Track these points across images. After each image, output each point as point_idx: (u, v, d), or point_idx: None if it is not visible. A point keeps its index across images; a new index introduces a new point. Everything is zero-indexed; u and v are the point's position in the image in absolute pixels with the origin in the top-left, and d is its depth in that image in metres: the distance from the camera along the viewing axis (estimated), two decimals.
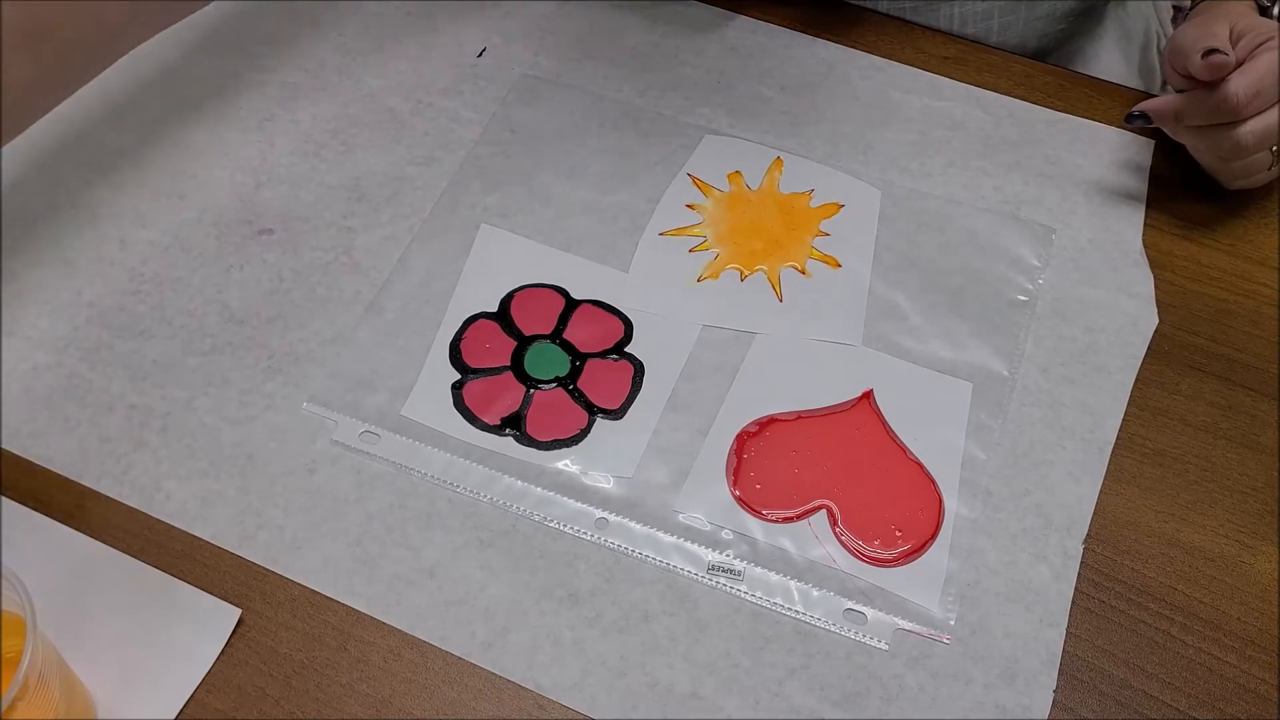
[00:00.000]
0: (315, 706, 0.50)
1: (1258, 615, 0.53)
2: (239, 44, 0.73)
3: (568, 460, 0.57)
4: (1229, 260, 0.64)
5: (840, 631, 0.52)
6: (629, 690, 0.51)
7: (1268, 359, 0.60)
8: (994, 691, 0.51)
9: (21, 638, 0.42)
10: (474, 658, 0.51)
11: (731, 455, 0.57)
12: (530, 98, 0.70)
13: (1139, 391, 0.59)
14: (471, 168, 0.67)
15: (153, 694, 0.50)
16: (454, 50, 0.72)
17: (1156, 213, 0.65)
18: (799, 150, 0.68)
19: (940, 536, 0.54)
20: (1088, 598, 0.53)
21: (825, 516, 0.55)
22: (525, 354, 0.60)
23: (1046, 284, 0.62)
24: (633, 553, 0.54)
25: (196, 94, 0.70)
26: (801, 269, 0.63)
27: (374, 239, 0.64)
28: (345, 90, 0.70)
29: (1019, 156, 0.68)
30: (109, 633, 0.51)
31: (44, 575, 0.51)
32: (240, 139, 0.68)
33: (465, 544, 0.54)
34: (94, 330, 0.61)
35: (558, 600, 0.53)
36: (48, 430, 0.57)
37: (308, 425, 0.58)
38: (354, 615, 0.53)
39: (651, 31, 0.73)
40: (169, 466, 0.56)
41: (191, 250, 0.64)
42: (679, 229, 0.65)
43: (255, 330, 0.61)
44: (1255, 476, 0.57)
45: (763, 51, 0.72)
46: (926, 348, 0.60)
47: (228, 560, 0.54)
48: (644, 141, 0.68)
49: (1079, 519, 0.55)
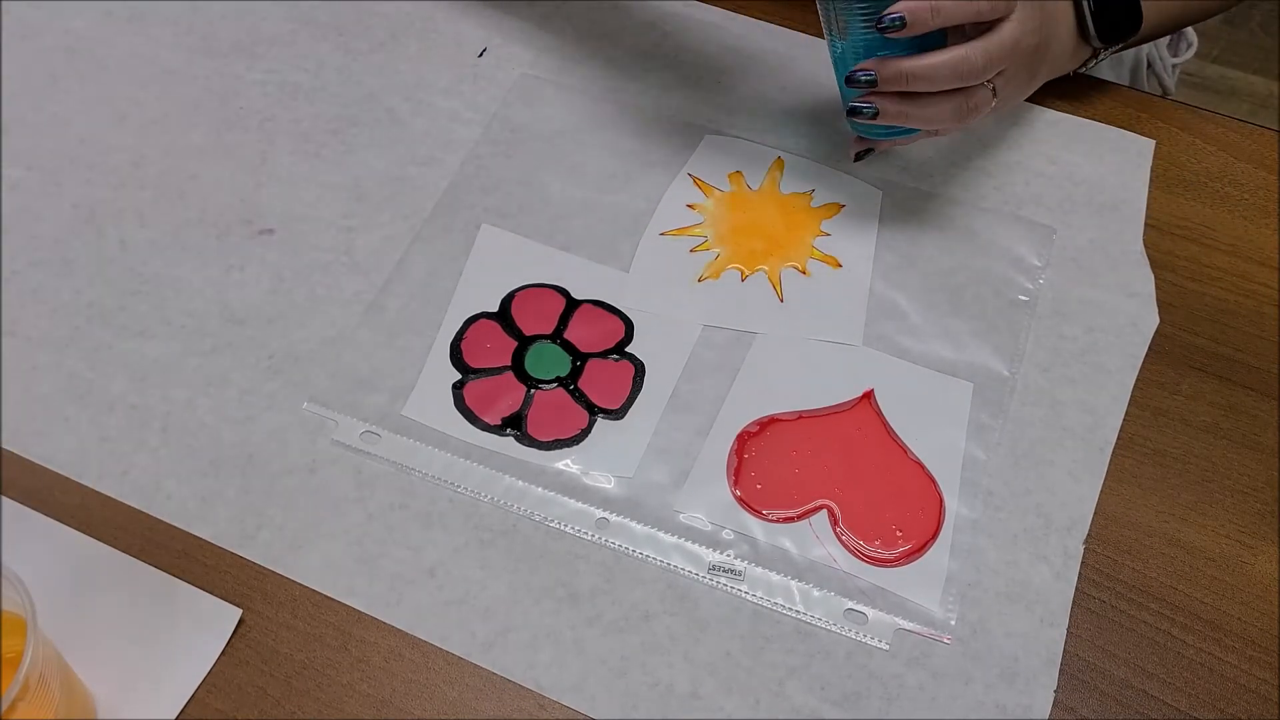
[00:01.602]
0: (316, 706, 0.50)
1: (1258, 615, 0.53)
2: (239, 44, 0.73)
3: (568, 460, 0.57)
4: (1229, 260, 0.64)
5: (841, 631, 0.52)
6: (629, 690, 0.51)
7: (1268, 359, 0.60)
8: (994, 691, 0.51)
9: (21, 638, 0.42)
10: (474, 657, 0.51)
11: (732, 455, 0.57)
12: (530, 98, 0.70)
13: (1139, 391, 0.59)
14: (471, 168, 0.67)
15: (153, 694, 0.50)
16: (454, 50, 0.72)
17: (1156, 213, 0.65)
18: (800, 150, 0.68)
19: (941, 536, 0.54)
20: (1088, 597, 0.53)
21: (826, 516, 0.55)
22: (526, 354, 0.60)
23: (1047, 284, 0.62)
24: (633, 553, 0.54)
25: (196, 94, 0.70)
26: (802, 269, 0.63)
27: (374, 239, 0.64)
28: (345, 90, 0.70)
29: (1019, 156, 0.68)
30: (109, 633, 0.51)
31: (44, 575, 0.51)
32: (240, 139, 0.68)
33: (466, 544, 0.54)
34: (94, 330, 0.61)
35: (558, 600, 0.53)
36: (48, 430, 0.57)
37: (308, 425, 0.58)
38: (354, 615, 0.52)
39: (651, 31, 0.73)
40: (169, 466, 0.56)
41: (191, 250, 0.64)
42: (680, 229, 0.65)
43: (255, 330, 0.61)
44: (1255, 476, 0.57)
45: (763, 51, 0.72)
46: (927, 348, 0.60)
47: (228, 560, 0.54)
48: (644, 141, 0.68)
49: (1079, 519, 0.55)
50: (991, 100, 0.59)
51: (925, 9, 0.54)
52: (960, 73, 0.56)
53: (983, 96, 0.58)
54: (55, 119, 0.69)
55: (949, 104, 0.58)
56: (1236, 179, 0.67)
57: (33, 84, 0.71)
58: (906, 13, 0.54)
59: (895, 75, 0.57)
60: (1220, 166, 0.67)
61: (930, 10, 0.54)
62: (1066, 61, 0.67)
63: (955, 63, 0.56)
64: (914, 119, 0.59)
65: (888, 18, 0.54)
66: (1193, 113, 0.70)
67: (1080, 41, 0.66)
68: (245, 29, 0.73)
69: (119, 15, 0.74)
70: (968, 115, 0.59)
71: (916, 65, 0.56)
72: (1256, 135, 0.69)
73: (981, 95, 0.58)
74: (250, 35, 0.73)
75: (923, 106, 0.58)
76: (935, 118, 0.59)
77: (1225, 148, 0.68)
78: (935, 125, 0.60)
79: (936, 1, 0.54)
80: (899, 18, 0.54)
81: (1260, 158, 0.68)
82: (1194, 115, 0.70)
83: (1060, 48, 0.65)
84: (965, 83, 0.57)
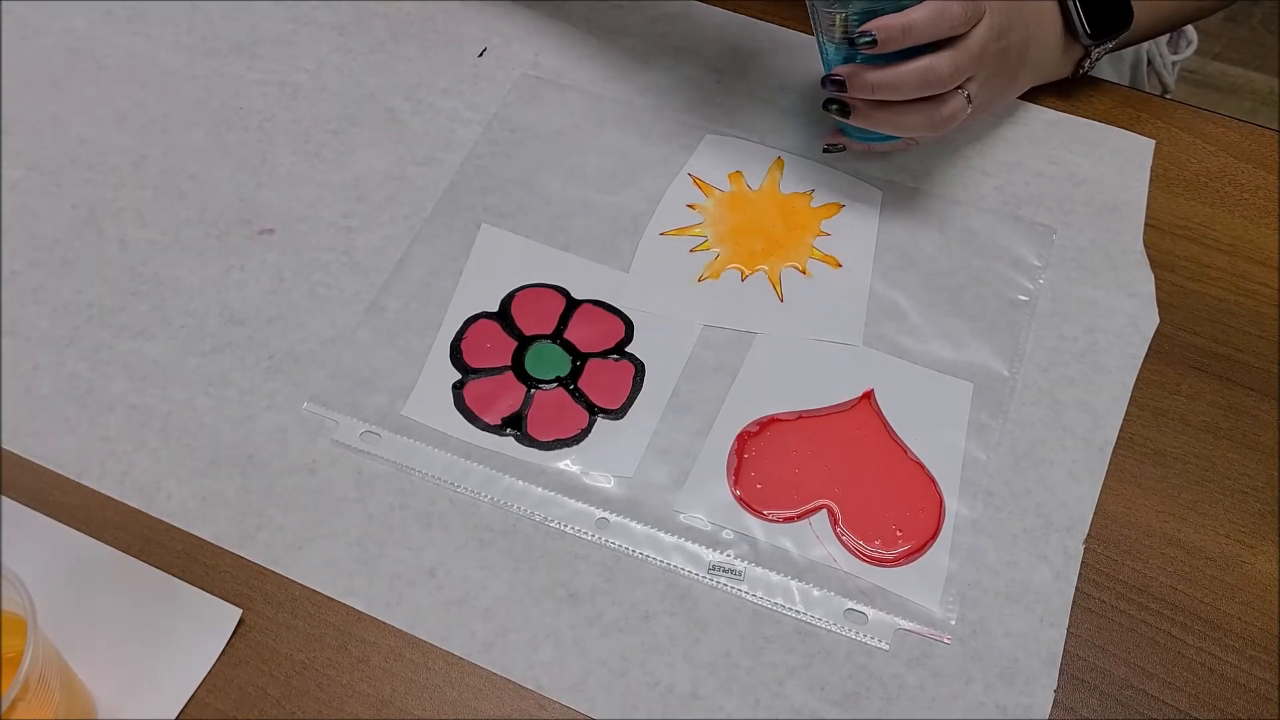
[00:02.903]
0: (316, 706, 0.50)
1: (1258, 615, 0.53)
2: (239, 44, 0.73)
3: (568, 460, 0.57)
4: (1229, 260, 0.64)
5: (841, 631, 0.52)
6: (629, 690, 0.51)
7: (1268, 359, 0.60)
8: (994, 691, 0.51)
9: (22, 638, 0.42)
10: (474, 657, 0.51)
11: (732, 455, 0.57)
12: (530, 98, 0.70)
13: (1139, 391, 0.59)
14: (471, 168, 0.67)
15: (153, 694, 0.50)
16: (454, 50, 0.72)
17: (1156, 213, 0.65)
18: (800, 150, 0.68)
19: (941, 536, 0.54)
20: (1088, 597, 0.53)
21: (826, 516, 0.55)
22: (526, 354, 0.60)
23: (1047, 284, 0.62)
24: (633, 553, 0.54)
25: (196, 94, 0.70)
26: (802, 269, 0.63)
27: (374, 239, 0.64)
28: (345, 90, 0.70)
29: (1019, 156, 0.68)
30: (109, 633, 0.51)
31: (44, 575, 0.51)
32: (240, 139, 0.68)
33: (466, 544, 0.54)
34: (94, 330, 0.61)
35: (558, 600, 0.53)
36: (48, 430, 0.57)
37: (308, 425, 0.58)
38: (355, 615, 0.53)
39: (651, 31, 0.73)
40: (169, 466, 0.56)
41: (191, 250, 0.64)
42: (680, 229, 0.65)
43: (255, 330, 0.61)
44: (1255, 476, 0.57)
45: (763, 51, 0.72)
46: (927, 348, 0.60)
47: (228, 560, 0.54)
48: (644, 141, 0.68)
49: (1079, 519, 0.55)
50: (967, 107, 0.59)
51: (897, 28, 0.55)
52: (927, 81, 0.57)
53: (957, 104, 0.59)
54: (55, 119, 0.69)
55: (920, 113, 0.59)
56: (1236, 179, 0.67)
57: (33, 84, 0.71)
58: (878, 31, 0.55)
59: (862, 85, 0.58)
60: (1220, 166, 0.67)
61: (901, 29, 0.55)
62: (1055, 63, 0.67)
63: (921, 72, 0.57)
64: (885, 125, 0.60)
65: (860, 35, 0.56)
66: (1193, 112, 0.70)
67: (1069, 40, 0.66)
68: (245, 29, 0.73)
69: (119, 15, 0.74)
70: (942, 124, 0.59)
71: (881, 76, 0.57)
72: (1256, 135, 0.69)
73: (955, 103, 0.59)
74: (250, 35, 0.73)
75: (894, 114, 0.59)
76: (907, 125, 0.60)
77: (1225, 147, 0.68)
78: (909, 133, 0.61)
79: (908, 21, 0.55)
80: (871, 36, 0.56)
81: (1260, 158, 0.68)
82: (1194, 115, 0.70)
83: (1043, 50, 0.65)
84: (933, 91, 0.58)
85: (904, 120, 0.60)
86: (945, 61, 0.57)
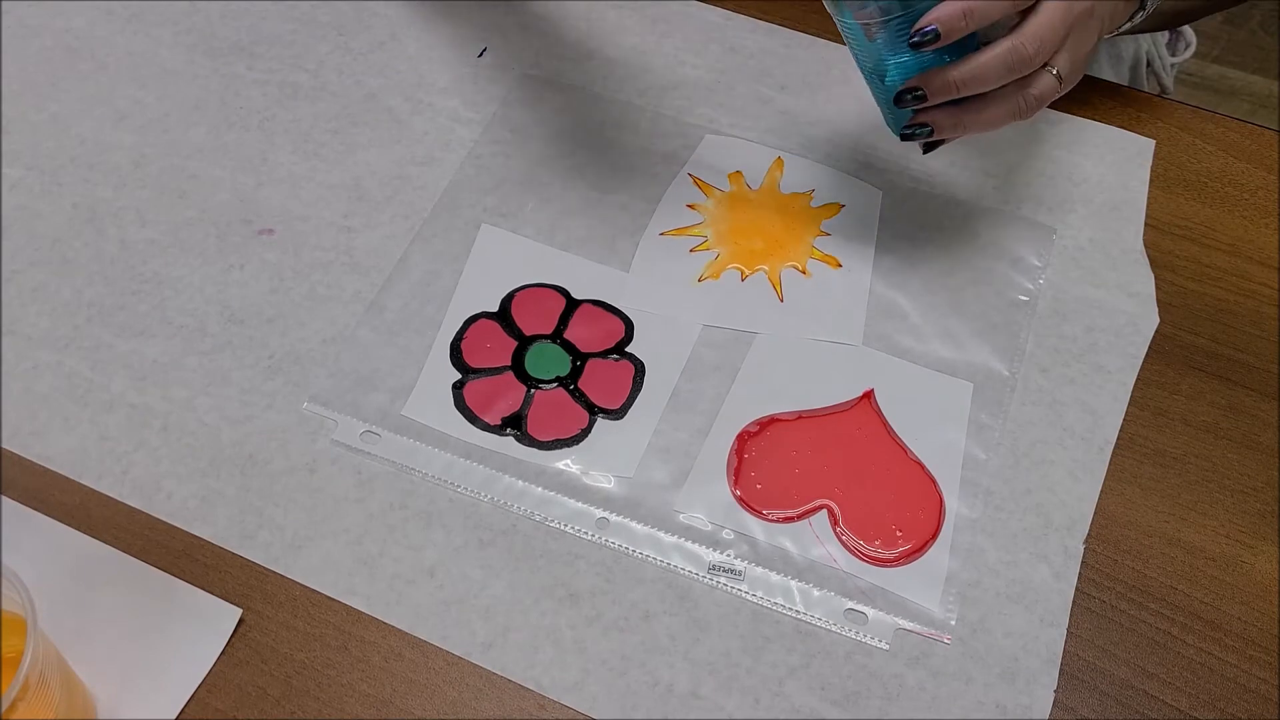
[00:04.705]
0: (316, 706, 0.50)
1: (1258, 615, 0.53)
2: (239, 44, 0.73)
3: (568, 460, 0.57)
4: (1229, 260, 0.64)
5: (841, 631, 0.52)
6: (629, 690, 0.51)
7: (1268, 359, 0.60)
8: (994, 691, 0.51)
9: (22, 638, 0.42)
10: (474, 657, 0.51)
11: (732, 455, 0.57)
12: (530, 98, 0.70)
13: (1139, 391, 0.59)
14: (471, 168, 0.67)
15: (153, 694, 0.50)
16: (454, 50, 0.72)
17: (1156, 213, 0.65)
18: (800, 150, 0.68)
19: (941, 536, 0.54)
20: (1088, 597, 0.53)
21: (826, 516, 0.55)
22: (526, 354, 0.60)
23: (1047, 284, 0.63)
24: (633, 552, 0.54)
25: (196, 94, 0.70)
26: (802, 269, 0.63)
27: (374, 239, 0.64)
28: (345, 90, 0.70)
29: (1019, 156, 0.68)
30: (109, 633, 0.51)
31: (44, 575, 0.51)
32: (240, 139, 0.68)
33: (466, 544, 0.54)
34: (94, 330, 0.61)
35: (558, 600, 0.53)
36: (48, 430, 0.57)
37: (308, 425, 0.58)
38: (354, 615, 0.52)
39: (651, 31, 0.73)
40: (169, 466, 0.56)
41: (191, 250, 0.64)
42: (679, 229, 0.65)
43: (255, 330, 0.61)
44: (1255, 476, 0.57)
45: (763, 51, 0.72)
46: (927, 348, 0.60)
47: (228, 560, 0.54)
48: (644, 141, 0.68)
49: (1079, 519, 0.55)
50: (1057, 84, 0.54)
51: (957, 14, 0.50)
52: (1012, 65, 0.52)
53: (1046, 83, 0.53)
54: (55, 119, 0.69)
55: (1005, 103, 0.54)
56: (1236, 179, 0.67)
57: (33, 84, 0.71)
58: (939, 23, 0.50)
59: (944, 86, 0.52)
60: (1220, 166, 0.68)
61: (963, 13, 0.50)
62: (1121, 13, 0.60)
63: (1005, 56, 0.51)
64: (971, 126, 0.55)
65: (919, 33, 0.50)
66: (1193, 112, 0.70)
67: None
68: (245, 29, 0.73)
69: (119, 15, 0.74)
70: (1030, 108, 0.54)
71: (962, 71, 0.52)
72: (1256, 135, 0.69)
73: (1043, 82, 0.53)
74: (250, 35, 0.73)
75: (978, 111, 0.54)
76: (993, 120, 0.55)
77: (1225, 148, 0.68)
78: (996, 127, 0.55)
79: (967, 5, 0.50)
80: (933, 30, 0.50)
81: (1260, 158, 0.68)
82: (1194, 115, 0.70)
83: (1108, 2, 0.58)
84: (1021, 72, 0.52)
85: (991, 115, 0.54)
86: (1028, 38, 0.51)
